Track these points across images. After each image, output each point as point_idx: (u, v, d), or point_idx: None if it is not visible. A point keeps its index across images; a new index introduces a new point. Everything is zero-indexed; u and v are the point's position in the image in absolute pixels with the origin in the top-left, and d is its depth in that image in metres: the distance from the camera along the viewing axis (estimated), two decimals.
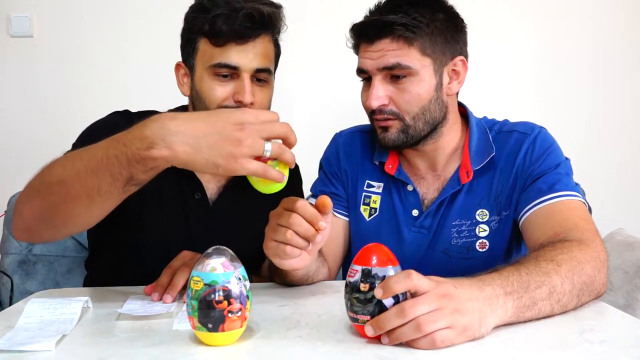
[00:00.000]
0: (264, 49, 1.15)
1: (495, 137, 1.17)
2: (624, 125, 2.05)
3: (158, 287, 0.97)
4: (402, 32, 1.05)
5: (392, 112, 1.10)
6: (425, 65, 1.08)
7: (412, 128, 1.11)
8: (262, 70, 1.14)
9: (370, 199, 1.22)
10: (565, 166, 1.12)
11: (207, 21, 1.12)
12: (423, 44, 1.07)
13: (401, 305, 0.71)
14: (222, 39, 1.11)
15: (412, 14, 1.06)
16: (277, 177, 0.79)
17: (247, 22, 1.10)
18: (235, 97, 1.13)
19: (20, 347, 0.73)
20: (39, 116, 1.97)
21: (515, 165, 1.13)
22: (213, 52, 1.13)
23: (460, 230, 1.15)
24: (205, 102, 1.15)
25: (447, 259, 1.14)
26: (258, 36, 1.13)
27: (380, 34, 1.07)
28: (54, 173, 0.84)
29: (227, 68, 1.12)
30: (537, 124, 1.18)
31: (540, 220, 1.04)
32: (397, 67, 1.07)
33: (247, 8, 1.10)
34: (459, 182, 1.15)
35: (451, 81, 1.14)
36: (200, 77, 1.16)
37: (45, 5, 1.96)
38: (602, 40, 2.02)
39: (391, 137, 1.12)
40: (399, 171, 1.20)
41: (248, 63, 1.12)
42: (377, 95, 1.09)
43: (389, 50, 1.07)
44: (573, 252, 0.88)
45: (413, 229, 1.18)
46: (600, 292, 0.90)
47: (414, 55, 1.07)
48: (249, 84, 1.12)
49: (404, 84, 1.08)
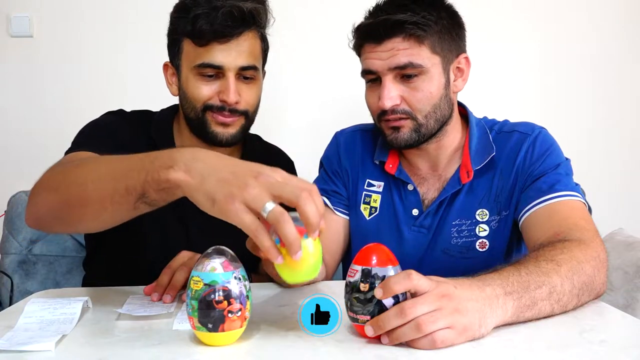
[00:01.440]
0: (249, 46, 1.14)
1: (495, 137, 1.17)
2: (625, 126, 2.04)
3: (158, 287, 0.96)
4: (413, 30, 1.05)
5: (405, 112, 1.10)
6: (435, 64, 1.09)
7: (424, 126, 1.11)
8: (247, 67, 1.14)
9: (371, 198, 1.22)
10: (566, 166, 1.12)
11: (189, 21, 1.11)
12: (433, 42, 1.08)
13: (401, 305, 0.71)
14: (204, 38, 1.11)
15: (421, 12, 1.06)
16: (266, 248, 0.69)
17: (228, 21, 1.09)
18: (220, 96, 1.14)
19: (20, 347, 0.73)
20: (39, 116, 1.97)
21: (515, 165, 1.13)
22: (197, 52, 1.12)
23: (460, 230, 1.15)
24: (191, 101, 1.16)
25: (447, 259, 1.15)
26: (241, 34, 1.12)
27: (390, 33, 1.06)
28: (76, 174, 0.84)
29: (211, 68, 1.12)
30: (537, 125, 1.19)
31: (540, 220, 1.04)
32: (409, 66, 1.07)
33: (227, 6, 1.09)
34: (459, 182, 1.15)
35: (456, 78, 1.15)
36: (186, 77, 1.16)
37: (45, 5, 1.96)
38: (604, 41, 2.01)
39: (404, 137, 1.12)
40: (399, 170, 1.20)
41: (232, 61, 1.12)
42: (390, 95, 1.08)
43: (401, 49, 1.06)
44: (573, 252, 0.88)
45: (413, 229, 1.18)
46: (600, 291, 0.90)
47: (424, 54, 1.07)
48: (233, 82, 1.13)
49: (415, 83, 1.08)
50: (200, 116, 1.16)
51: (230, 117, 1.15)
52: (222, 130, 1.17)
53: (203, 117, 1.16)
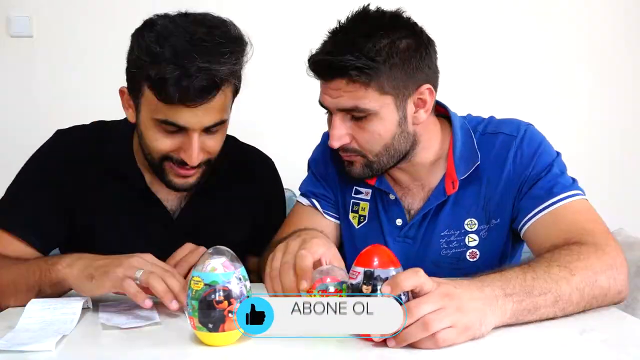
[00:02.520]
0: (219, 104, 1.01)
1: (480, 140, 1.11)
2: (625, 126, 2.04)
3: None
4: (357, 76, 0.98)
5: (355, 150, 1.06)
6: (386, 104, 1.02)
7: (376, 163, 1.07)
8: (215, 125, 1.02)
9: (359, 206, 1.19)
10: (558, 164, 1.07)
11: (153, 75, 0.96)
12: (381, 84, 1.00)
13: (407, 305, 0.71)
14: (170, 102, 0.97)
15: (368, 52, 0.97)
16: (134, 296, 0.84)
17: (199, 91, 0.95)
18: (180, 154, 1.03)
19: (21, 347, 0.74)
20: (39, 116, 1.96)
21: (504, 172, 1.08)
22: (159, 106, 0.98)
23: (450, 241, 1.11)
24: (150, 150, 1.05)
25: (438, 270, 1.08)
26: (213, 98, 0.98)
27: (334, 74, 1.00)
28: None
29: (174, 126, 1.00)
30: (523, 121, 1.12)
31: (545, 227, 1.01)
32: (355, 109, 1.01)
33: (200, 72, 0.94)
34: (444, 193, 1.10)
35: (417, 110, 1.06)
36: (145, 123, 1.04)
37: (45, 5, 1.96)
38: (604, 39, 2.01)
39: (356, 171, 1.09)
40: (380, 180, 1.14)
41: (198, 122, 0.99)
42: (338, 135, 1.04)
43: (346, 91, 1.00)
44: (589, 260, 0.86)
45: (398, 239, 1.14)
46: (615, 299, 0.89)
47: (372, 96, 1.00)
48: (197, 142, 1.01)
49: (364, 124, 1.03)
50: (158, 163, 1.06)
51: (191, 170, 1.06)
52: (181, 180, 1.07)
53: (161, 164, 1.06)
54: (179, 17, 1.01)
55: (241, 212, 1.22)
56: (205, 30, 0.98)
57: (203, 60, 0.94)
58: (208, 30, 0.98)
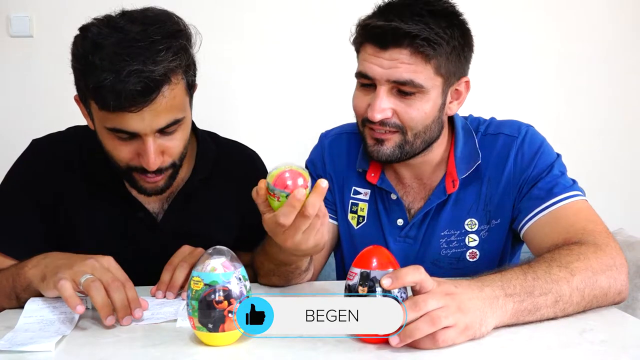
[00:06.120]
0: (168, 103, 0.95)
1: (481, 141, 1.12)
2: (625, 125, 2.04)
3: (160, 284, 0.97)
4: (423, 47, 0.97)
5: (395, 125, 1.03)
6: (436, 85, 1.02)
7: (410, 144, 1.05)
8: (168, 125, 0.98)
9: (358, 207, 1.17)
10: (559, 165, 1.08)
11: (90, 84, 0.93)
12: (439, 63, 1.00)
13: (414, 298, 0.71)
14: (110, 110, 0.93)
15: (435, 28, 0.97)
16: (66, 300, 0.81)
17: (136, 95, 0.91)
18: (139, 160, 1.00)
19: (20, 347, 0.74)
20: (39, 116, 1.97)
21: (504, 173, 1.08)
22: (105, 114, 0.95)
23: (450, 241, 1.11)
24: (114, 160, 1.03)
25: (437, 270, 1.10)
26: (155, 99, 0.93)
27: (397, 43, 0.97)
28: None
29: (125, 133, 0.97)
30: (523, 123, 1.13)
31: (545, 228, 1.01)
32: (409, 84, 0.99)
33: (133, 76, 0.90)
34: (445, 192, 1.10)
35: (452, 101, 1.08)
36: (100, 133, 1.01)
37: (45, 5, 1.96)
38: (604, 39, 2.01)
39: (386, 152, 1.05)
40: (382, 179, 1.14)
41: (148, 126, 0.95)
42: (382, 107, 1.00)
43: (404, 63, 0.98)
44: (589, 261, 0.86)
45: (398, 239, 1.14)
46: (616, 299, 0.88)
47: (428, 74, 0.99)
48: (152, 146, 0.97)
49: (411, 100, 1.01)
50: (125, 171, 1.04)
51: (156, 176, 1.03)
52: (150, 185, 1.05)
53: (128, 173, 1.04)
54: (116, 18, 0.98)
55: (228, 211, 1.19)
56: (140, 29, 0.94)
57: (137, 62, 0.90)
58: (142, 29, 0.94)
